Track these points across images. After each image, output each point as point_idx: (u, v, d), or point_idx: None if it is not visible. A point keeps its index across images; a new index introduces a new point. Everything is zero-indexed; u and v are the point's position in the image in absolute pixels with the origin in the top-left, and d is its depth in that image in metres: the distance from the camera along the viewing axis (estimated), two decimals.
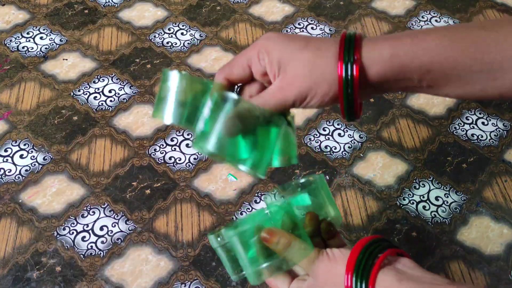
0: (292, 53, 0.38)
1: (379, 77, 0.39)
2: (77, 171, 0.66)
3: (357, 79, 0.37)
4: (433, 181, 0.68)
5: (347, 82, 0.38)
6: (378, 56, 0.38)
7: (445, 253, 0.61)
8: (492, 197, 0.67)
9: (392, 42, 0.39)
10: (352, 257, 0.38)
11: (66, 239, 0.60)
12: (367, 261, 0.38)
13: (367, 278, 0.37)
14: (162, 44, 0.81)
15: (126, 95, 0.74)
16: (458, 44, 0.38)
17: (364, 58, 0.38)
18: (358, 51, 0.38)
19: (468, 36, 0.38)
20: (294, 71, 0.38)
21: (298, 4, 0.90)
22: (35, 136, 0.69)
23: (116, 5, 0.87)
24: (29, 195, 0.63)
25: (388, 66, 0.38)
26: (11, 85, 0.74)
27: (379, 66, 0.38)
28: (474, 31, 0.38)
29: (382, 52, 0.38)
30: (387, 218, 0.64)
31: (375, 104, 0.76)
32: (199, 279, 0.57)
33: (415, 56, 0.38)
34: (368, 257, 0.38)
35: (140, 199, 0.64)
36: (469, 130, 0.73)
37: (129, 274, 0.58)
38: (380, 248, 0.39)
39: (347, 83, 0.38)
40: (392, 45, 0.38)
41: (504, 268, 0.61)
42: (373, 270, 0.37)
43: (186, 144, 0.69)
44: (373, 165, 0.69)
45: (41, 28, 0.82)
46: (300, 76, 0.38)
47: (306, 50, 0.38)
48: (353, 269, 0.37)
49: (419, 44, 0.38)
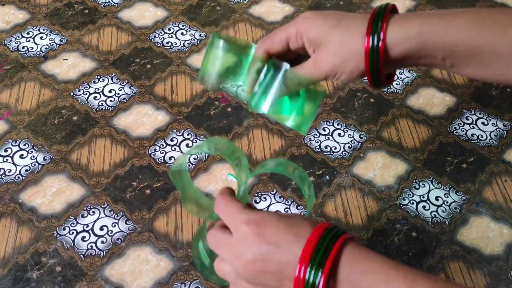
0: (325, 32, 0.42)
1: (404, 52, 0.41)
2: (77, 171, 0.66)
3: (382, 52, 0.40)
4: (433, 181, 0.68)
5: (372, 55, 0.41)
6: (405, 33, 0.40)
7: (445, 253, 0.61)
8: (492, 197, 0.67)
9: (420, 20, 0.41)
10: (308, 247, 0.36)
11: (66, 239, 0.60)
12: (325, 250, 0.35)
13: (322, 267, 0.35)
14: (162, 44, 0.81)
15: (126, 95, 0.74)
16: (482, 28, 0.40)
17: (390, 34, 0.41)
18: (385, 25, 0.41)
19: (492, 22, 0.40)
20: (326, 50, 0.42)
21: (298, 4, 0.90)
22: (35, 136, 0.69)
23: (116, 5, 0.87)
24: (29, 195, 0.63)
25: (414, 44, 0.41)
26: (11, 85, 0.74)
27: (406, 43, 0.41)
28: (498, 17, 0.40)
29: (409, 29, 0.40)
30: (387, 218, 0.64)
31: (375, 104, 0.76)
32: (199, 279, 0.58)
33: (440, 36, 0.40)
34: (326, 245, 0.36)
35: (140, 199, 0.64)
36: (469, 130, 0.73)
37: (129, 274, 0.58)
38: (336, 235, 0.37)
39: (372, 56, 0.41)
40: (420, 23, 0.41)
41: (504, 268, 0.61)
42: (328, 258, 0.35)
43: (186, 144, 0.69)
44: (373, 165, 0.69)
45: (41, 28, 0.82)
46: (330, 54, 0.41)
47: (337, 29, 0.42)
48: (308, 260, 0.35)
49: (446, 24, 0.40)
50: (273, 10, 0.88)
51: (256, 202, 0.64)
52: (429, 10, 0.90)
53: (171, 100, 0.74)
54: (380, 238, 0.62)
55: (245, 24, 0.85)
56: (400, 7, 0.91)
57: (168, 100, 0.74)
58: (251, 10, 0.88)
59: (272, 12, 0.88)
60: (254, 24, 0.86)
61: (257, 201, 0.64)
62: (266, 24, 0.86)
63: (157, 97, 0.74)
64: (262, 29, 0.85)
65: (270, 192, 0.65)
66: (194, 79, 0.77)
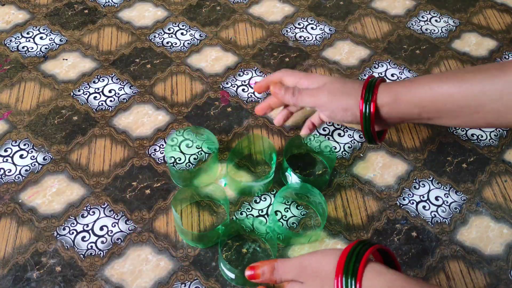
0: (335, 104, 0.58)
1: (388, 113, 0.55)
2: (77, 171, 0.66)
3: (373, 113, 0.54)
4: (433, 181, 0.68)
5: (365, 116, 0.55)
6: (387, 99, 0.54)
7: (445, 253, 0.61)
8: (492, 197, 0.67)
9: (398, 88, 0.54)
10: (340, 261, 0.44)
11: (66, 239, 0.60)
12: (355, 264, 0.44)
13: (356, 277, 0.43)
14: (162, 44, 0.81)
15: (126, 95, 0.74)
16: (442, 86, 0.52)
17: (378, 100, 0.55)
18: (375, 94, 0.54)
19: (450, 80, 0.52)
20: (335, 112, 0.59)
21: (298, 4, 0.90)
22: (35, 136, 0.69)
23: (116, 5, 0.87)
24: (29, 195, 0.63)
25: (393, 107, 0.54)
26: (11, 85, 0.74)
27: (387, 107, 0.54)
28: (457, 74, 0.52)
29: (390, 96, 0.54)
30: (387, 218, 0.64)
31: None
32: (199, 279, 0.57)
33: (411, 98, 0.54)
34: (355, 259, 0.44)
35: (140, 199, 0.64)
36: (469, 130, 0.73)
37: (129, 274, 0.58)
38: (364, 248, 0.45)
39: (365, 117, 0.55)
40: (397, 91, 0.54)
41: (504, 268, 0.61)
42: (359, 269, 0.43)
43: (186, 144, 0.69)
44: (373, 165, 0.69)
45: (41, 28, 0.82)
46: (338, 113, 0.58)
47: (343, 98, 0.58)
48: (342, 271, 0.43)
49: (414, 89, 0.53)
50: (273, 10, 0.88)
51: (256, 202, 0.64)
52: (429, 10, 0.91)
53: (171, 100, 0.74)
54: (380, 238, 0.62)
55: (245, 24, 0.85)
56: (400, 7, 0.91)
57: (168, 100, 0.74)
58: (251, 10, 0.88)
59: (272, 12, 0.88)
60: (254, 24, 0.86)
61: (257, 201, 0.64)
62: (266, 24, 0.86)
63: (157, 97, 0.74)
64: (262, 29, 0.85)
65: (270, 192, 0.65)
66: (194, 79, 0.77)
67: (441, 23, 0.89)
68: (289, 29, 0.85)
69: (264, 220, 0.62)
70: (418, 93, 0.53)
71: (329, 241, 0.61)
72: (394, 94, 0.54)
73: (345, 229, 0.63)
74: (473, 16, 0.91)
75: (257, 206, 0.64)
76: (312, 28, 0.86)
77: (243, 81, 0.77)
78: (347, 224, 0.63)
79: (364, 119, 0.54)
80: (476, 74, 0.51)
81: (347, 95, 0.56)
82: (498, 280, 0.60)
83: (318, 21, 0.87)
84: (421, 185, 0.67)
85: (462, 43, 0.86)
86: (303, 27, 0.86)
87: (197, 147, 0.69)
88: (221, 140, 0.70)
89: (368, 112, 0.54)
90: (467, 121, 0.53)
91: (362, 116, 0.54)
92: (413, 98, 0.53)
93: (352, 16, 0.88)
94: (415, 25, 0.88)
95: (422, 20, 0.89)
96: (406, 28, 0.87)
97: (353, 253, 0.44)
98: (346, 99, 0.56)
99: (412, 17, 0.89)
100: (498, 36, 0.87)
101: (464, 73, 0.52)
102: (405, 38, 0.86)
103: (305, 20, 0.87)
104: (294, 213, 0.63)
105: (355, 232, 0.62)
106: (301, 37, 0.84)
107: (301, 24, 0.86)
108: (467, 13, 0.91)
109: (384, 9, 0.90)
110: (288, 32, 0.85)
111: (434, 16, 0.90)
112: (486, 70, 0.51)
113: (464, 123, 0.54)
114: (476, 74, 0.51)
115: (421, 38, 0.86)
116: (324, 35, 0.85)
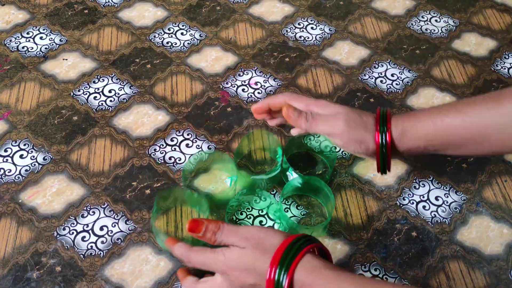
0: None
1: (397, 146, 0.56)
2: (77, 171, 0.66)
3: (390, 144, 0.55)
4: (433, 181, 0.68)
5: (382, 147, 0.56)
6: (395, 134, 0.55)
7: (445, 253, 0.61)
8: (492, 197, 0.67)
9: (404, 123, 0.55)
10: (278, 252, 0.47)
11: (66, 239, 0.60)
12: (293, 256, 0.46)
13: (287, 270, 0.46)
14: (162, 44, 0.81)
15: (126, 95, 0.74)
16: (446, 122, 0.53)
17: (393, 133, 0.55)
18: (389, 127, 0.55)
19: (453, 114, 0.53)
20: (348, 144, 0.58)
21: (298, 4, 0.90)
22: (35, 136, 0.69)
23: (116, 5, 0.87)
24: (29, 195, 0.63)
25: (402, 140, 0.55)
26: (11, 85, 0.74)
27: (396, 140, 0.55)
28: (458, 107, 0.53)
29: (397, 130, 0.55)
30: (387, 218, 0.64)
31: (375, 104, 0.76)
32: None
33: (416, 132, 0.55)
34: (294, 252, 0.47)
35: (140, 199, 0.64)
36: None
37: (129, 274, 0.58)
38: (303, 243, 0.48)
39: (382, 148, 0.56)
40: (403, 125, 0.55)
41: (504, 268, 0.61)
42: (293, 263, 0.46)
43: (186, 144, 0.69)
44: (373, 165, 0.69)
45: (41, 28, 0.82)
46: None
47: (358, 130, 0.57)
48: (278, 262, 0.46)
49: (418, 123, 0.55)
50: (273, 10, 0.88)
51: (256, 202, 0.64)
52: (429, 10, 0.91)
53: (171, 100, 0.74)
54: (380, 238, 0.62)
55: (245, 24, 0.85)
56: (400, 7, 0.91)
57: (168, 100, 0.74)
58: (251, 10, 0.88)
59: (272, 12, 0.88)
60: (254, 24, 0.86)
61: (257, 201, 0.64)
62: (266, 24, 0.86)
63: (157, 97, 0.74)
64: (262, 29, 0.85)
65: (270, 192, 0.65)
66: (194, 79, 0.77)
67: (441, 23, 0.89)
68: (289, 29, 0.85)
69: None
70: (422, 128, 0.55)
71: (329, 241, 0.61)
72: (401, 128, 0.55)
73: (345, 229, 0.63)
74: (473, 16, 0.91)
75: (257, 206, 0.64)
76: (312, 28, 0.86)
77: (243, 81, 0.77)
78: (347, 224, 0.63)
79: (381, 150, 0.55)
80: (473, 107, 0.52)
81: (364, 128, 0.56)
82: (498, 280, 0.60)
83: (318, 21, 0.87)
84: (421, 185, 0.67)
85: (462, 43, 0.86)
86: (303, 27, 0.86)
87: (196, 147, 0.69)
88: (221, 140, 0.70)
89: (385, 143, 0.55)
90: (473, 151, 0.54)
91: (379, 148, 0.55)
92: (418, 133, 0.55)
93: (352, 16, 0.88)
94: (415, 25, 0.88)
95: (422, 20, 0.89)
96: (406, 28, 0.88)
97: (292, 247, 0.47)
98: (362, 132, 0.56)
99: (412, 17, 0.89)
100: (498, 36, 0.87)
101: (463, 105, 0.53)
102: (405, 38, 0.86)
103: (305, 20, 0.87)
104: (294, 213, 0.63)
105: (355, 232, 0.62)
106: (301, 37, 0.84)
107: (301, 24, 0.86)
108: (467, 13, 0.91)
109: (384, 9, 0.90)
110: (288, 32, 0.85)
111: (434, 16, 0.90)
112: (482, 102, 0.52)
113: (470, 153, 0.55)
114: (473, 107, 0.52)
115: (421, 38, 0.86)
116: (324, 35, 0.85)
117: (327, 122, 0.58)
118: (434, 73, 0.81)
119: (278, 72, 0.79)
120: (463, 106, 0.53)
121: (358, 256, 0.60)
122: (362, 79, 0.79)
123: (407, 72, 0.81)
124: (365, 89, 0.78)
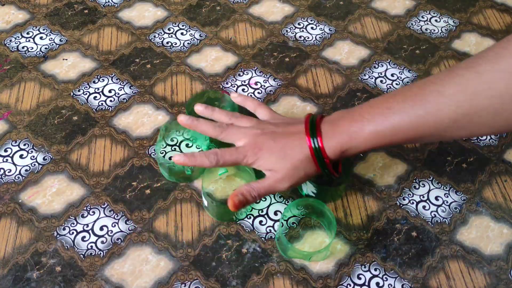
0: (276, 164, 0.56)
1: (347, 150, 0.54)
2: (77, 171, 0.66)
3: (323, 147, 0.54)
4: (433, 181, 0.68)
5: (318, 155, 0.54)
6: (340, 139, 0.54)
7: (445, 253, 0.61)
8: (492, 197, 0.67)
9: (334, 127, 0.54)
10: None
11: (66, 239, 0.60)
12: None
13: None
14: (162, 44, 0.81)
15: (126, 95, 0.74)
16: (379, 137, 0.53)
17: (324, 141, 0.54)
18: (320, 133, 0.54)
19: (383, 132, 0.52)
20: (281, 176, 0.56)
21: (298, 4, 0.90)
22: (35, 136, 0.69)
23: (116, 5, 0.87)
24: (29, 195, 0.63)
25: (351, 144, 0.54)
26: (11, 85, 0.74)
27: (345, 145, 0.54)
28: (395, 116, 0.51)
29: (327, 130, 0.54)
30: (387, 218, 0.64)
31: None
32: (199, 279, 0.58)
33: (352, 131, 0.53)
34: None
35: (140, 199, 0.64)
36: None
37: (129, 274, 0.58)
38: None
39: (318, 155, 0.54)
40: (349, 130, 0.54)
41: (504, 268, 0.61)
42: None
43: (186, 144, 0.69)
44: (373, 165, 0.69)
45: (41, 28, 0.82)
46: (286, 179, 0.57)
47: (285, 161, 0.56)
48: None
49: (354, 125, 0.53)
50: (273, 10, 0.88)
51: (256, 202, 0.64)
52: (429, 10, 0.91)
53: (171, 100, 0.74)
54: (380, 238, 0.62)
55: (245, 24, 0.85)
56: (400, 7, 0.91)
57: (168, 100, 0.74)
58: (251, 10, 0.88)
59: (272, 12, 0.88)
60: (254, 24, 0.86)
61: (257, 201, 0.64)
62: (266, 24, 0.86)
63: (157, 97, 0.74)
64: (262, 29, 0.85)
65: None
66: (194, 79, 0.77)
67: (441, 23, 0.89)
68: (289, 29, 0.85)
69: None
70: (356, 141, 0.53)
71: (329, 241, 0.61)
72: (346, 134, 0.53)
73: (345, 229, 0.63)
74: (473, 16, 0.91)
75: (257, 206, 0.64)
76: (312, 28, 0.86)
77: (243, 81, 0.77)
78: (347, 224, 0.63)
79: (317, 156, 0.54)
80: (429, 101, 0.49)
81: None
82: (498, 280, 0.60)
83: (318, 21, 0.87)
84: (421, 185, 0.67)
85: (462, 43, 0.86)
86: (303, 27, 0.86)
87: (197, 147, 0.69)
88: None
89: (318, 146, 0.53)
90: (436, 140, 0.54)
91: (313, 151, 0.54)
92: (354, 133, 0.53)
93: (352, 16, 0.88)
94: (415, 25, 0.88)
95: (422, 20, 0.89)
96: (406, 28, 0.88)
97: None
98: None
99: (412, 17, 0.89)
100: (498, 36, 0.87)
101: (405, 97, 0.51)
102: (405, 38, 0.86)
103: (305, 20, 0.87)
104: (294, 213, 0.63)
105: (355, 232, 0.62)
106: (301, 37, 0.84)
107: (301, 24, 0.86)
108: (467, 13, 0.91)
109: (384, 9, 0.90)
110: (288, 32, 0.85)
111: (434, 16, 0.90)
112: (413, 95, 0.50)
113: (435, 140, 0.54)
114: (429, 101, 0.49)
115: (421, 38, 0.86)
116: (324, 35, 0.85)
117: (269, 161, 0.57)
118: (434, 73, 0.81)
119: (278, 72, 0.79)
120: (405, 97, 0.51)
121: (358, 256, 0.60)
122: (362, 79, 0.79)
123: (407, 72, 0.81)
124: (365, 89, 0.78)
